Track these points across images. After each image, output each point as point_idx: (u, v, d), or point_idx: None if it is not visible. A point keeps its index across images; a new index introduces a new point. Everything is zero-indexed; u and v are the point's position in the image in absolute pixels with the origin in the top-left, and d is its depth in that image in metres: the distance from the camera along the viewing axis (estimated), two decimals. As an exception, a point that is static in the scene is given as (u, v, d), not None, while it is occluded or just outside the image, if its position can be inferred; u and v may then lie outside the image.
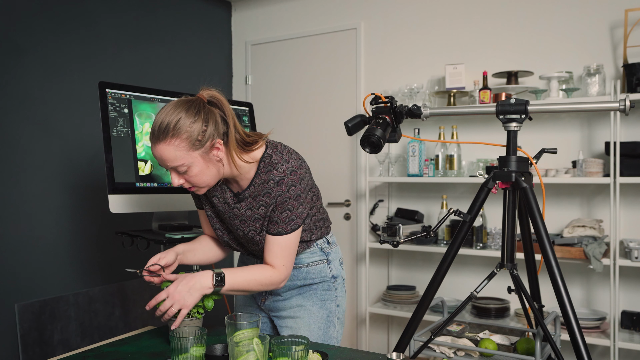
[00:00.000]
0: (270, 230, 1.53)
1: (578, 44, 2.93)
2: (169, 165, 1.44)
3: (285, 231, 1.52)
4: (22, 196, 2.72)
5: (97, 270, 3.05)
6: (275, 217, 1.52)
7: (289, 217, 1.51)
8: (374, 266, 3.55)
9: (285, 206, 1.51)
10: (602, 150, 2.82)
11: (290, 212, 1.51)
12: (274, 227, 1.52)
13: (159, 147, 1.42)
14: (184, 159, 1.42)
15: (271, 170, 1.51)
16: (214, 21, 3.98)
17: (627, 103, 1.55)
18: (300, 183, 1.52)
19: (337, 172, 3.67)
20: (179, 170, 1.44)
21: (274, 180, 1.50)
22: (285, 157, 1.53)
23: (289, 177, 1.50)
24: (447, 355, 1.80)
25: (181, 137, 1.40)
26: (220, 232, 1.68)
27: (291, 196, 1.50)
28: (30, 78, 2.76)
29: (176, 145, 1.40)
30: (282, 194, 1.50)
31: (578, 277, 2.93)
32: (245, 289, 1.51)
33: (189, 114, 1.41)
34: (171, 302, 1.40)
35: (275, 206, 1.51)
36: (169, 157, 1.42)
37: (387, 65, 3.51)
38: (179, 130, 1.39)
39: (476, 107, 1.81)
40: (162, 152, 1.42)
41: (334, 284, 1.73)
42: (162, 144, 1.41)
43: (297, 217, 1.53)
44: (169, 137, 1.40)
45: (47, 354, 2.72)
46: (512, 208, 1.70)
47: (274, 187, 1.50)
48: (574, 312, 1.53)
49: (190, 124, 1.40)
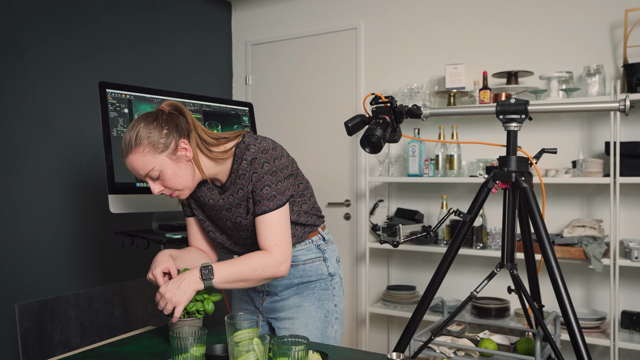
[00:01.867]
0: (256, 211, 1.53)
1: (578, 44, 2.93)
2: (142, 173, 1.50)
3: (269, 208, 1.51)
4: (22, 196, 2.72)
5: (97, 270, 3.05)
6: (257, 197, 1.52)
7: (270, 192, 1.51)
8: (374, 266, 3.55)
9: (263, 182, 1.51)
10: (602, 150, 2.82)
11: (269, 187, 1.51)
12: (258, 207, 1.52)
13: (128, 160, 1.49)
14: (152, 163, 1.48)
15: (244, 152, 1.54)
16: (214, 21, 3.98)
17: (627, 103, 1.55)
18: (274, 161, 1.53)
19: (337, 172, 3.67)
20: (152, 176, 1.50)
21: (247, 160, 1.52)
22: (259, 140, 1.55)
23: (260, 154, 1.51)
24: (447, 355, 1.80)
25: (143, 144, 1.47)
26: (214, 234, 1.69)
27: (267, 172, 1.51)
28: (30, 78, 2.76)
29: (141, 152, 1.47)
30: (256, 172, 1.51)
31: (578, 277, 2.93)
32: (240, 278, 1.48)
33: (147, 123, 1.49)
34: (165, 302, 1.42)
35: (254, 185, 1.52)
36: (138, 166, 1.49)
37: (387, 65, 3.51)
38: (140, 138, 1.47)
39: (476, 107, 1.81)
40: (132, 163, 1.49)
41: (331, 282, 1.73)
42: (130, 155, 1.48)
43: (279, 194, 1.52)
44: (133, 148, 1.47)
45: (47, 354, 2.72)
46: (512, 208, 1.70)
47: (248, 167, 1.52)
48: (574, 312, 1.53)
49: (149, 130, 1.48)
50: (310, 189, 1.71)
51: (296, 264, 1.70)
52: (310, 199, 1.71)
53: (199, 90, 3.71)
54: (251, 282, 1.51)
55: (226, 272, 1.46)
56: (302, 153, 3.71)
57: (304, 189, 1.67)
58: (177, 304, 1.41)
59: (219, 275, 1.45)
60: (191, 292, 1.43)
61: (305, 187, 1.68)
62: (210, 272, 1.44)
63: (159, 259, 1.54)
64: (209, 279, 1.44)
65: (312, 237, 1.70)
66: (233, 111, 2.73)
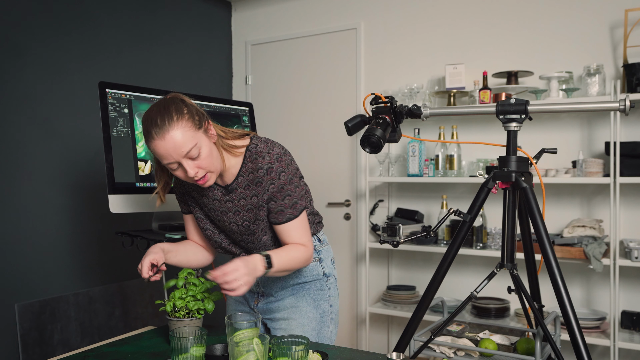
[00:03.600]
0: (279, 220, 1.56)
1: (578, 44, 2.93)
2: (183, 150, 1.40)
3: (293, 215, 1.56)
4: (22, 196, 2.72)
5: (97, 270, 3.05)
6: (278, 207, 1.54)
7: (291, 201, 1.55)
8: (374, 266, 3.55)
9: (284, 193, 1.54)
10: (602, 150, 2.82)
11: (290, 196, 1.55)
12: (281, 215, 1.55)
13: (169, 135, 1.39)
14: (195, 138, 1.42)
15: (257, 159, 1.53)
16: (214, 21, 3.98)
17: (627, 103, 1.54)
18: (288, 167, 1.56)
19: (337, 172, 3.67)
20: (192, 155, 1.42)
21: (263, 169, 1.52)
22: (270, 145, 1.56)
23: (276, 164, 1.53)
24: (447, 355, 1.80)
25: (185, 117, 1.42)
26: (212, 233, 1.68)
27: (285, 182, 1.54)
28: (30, 78, 2.76)
29: (184, 126, 1.41)
30: (274, 182, 1.53)
31: (578, 277, 2.93)
32: (287, 269, 1.55)
33: (177, 103, 1.45)
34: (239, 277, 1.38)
35: (272, 196, 1.53)
36: (182, 141, 1.40)
37: (387, 65, 3.51)
38: (180, 113, 1.41)
39: (476, 107, 1.81)
40: (174, 137, 1.39)
41: (326, 282, 1.74)
42: (171, 130, 1.39)
43: (299, 199, 1.57)
44: (175, 121, 1.40)
45: (47, 354, 2.72)
46: (512, 208, 1.70)
47: (265, 176, 1.53)
48: (574, 312, 1.53)
49: (184, 107, 1.44)
50: (309, 192, 1.71)
51: None
52: (310, 203, 1.72)
53: (199, 90, 3.71)
54: (290, 271, 1.59)
55: (280, 263, 1.51)
56: (302, 153, 3.71)
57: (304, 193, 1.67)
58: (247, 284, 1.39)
59: (275, 266, 1.49)
60: (254, 279, 1.44)
61: (305, 192, 1.68)
62: (270, 263, 1.47)
63: (150, 250, 1.55)
64: (269, 268, 1.47)
65: None
66: (233, 111, 2.73)
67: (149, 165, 2.29)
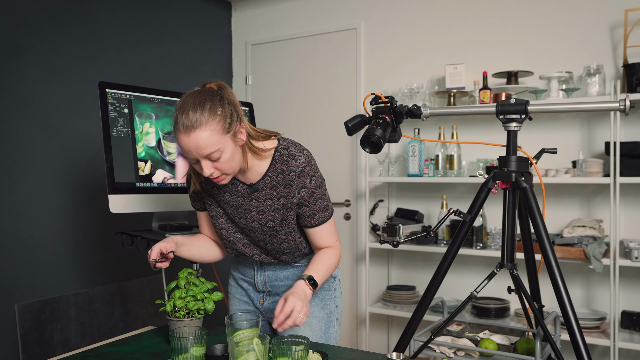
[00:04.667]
0: (312, 223, 1.60)
1: (578, 44, 2.93)
2: (205, 152, 1.41)
3: (325, 218, 1.62)
4: (22, 196, 2.72)
5: (97, 270, 3.05)
6: (311, 210, 1.58)
7: (322, 204, 1.60)
8: (374, 266, 3.55)
9: (316, 197, 1.58)
10: (602, 150, 2.82)
11: (322, 200, 1.59)
12: (314, 218, 1.60)
13: (194, 136, 1.39)
14: (219, 143, 1.42)
15: (289, 161, 1.54)
16: (214, 21, 3.98)
17: (627, 103, 1.54)
18: (317, 172, 1.60)
19: (337, 172, 3.67)
20: (212, 157, 1.43)
21: (295, 172, 1.54)
22: (299, 148, 1.58)
23: (308, 167, 1.56)
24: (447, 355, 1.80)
25: (215, 121, 1.41)
26: (226, 232, 1.67)
27: (316, 186, 1.57)
28: (30, 78, 2.76)
29: (212, 130, 1.40)
30: (305, 186, 1.55)
31: (578, 277, 2.93)
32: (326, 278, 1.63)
33: (215, 100, 1.43)
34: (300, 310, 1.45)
35: (303, 200, 1.56)
36: (205, 144, 1.40)
37: (387, 65, 3.51)
38: (213, 114, 1.40)
39: (476, 107, 1.81)
40: (198, 139, 1.39)
41: (332, 283, 1.75)
42: (198, 131, 1.39)
43: (329, 202, 1.63)
44: (204, 124, 1.39)
45: (47, 354, 2.72)
46: (512, 208, 1.70)
47: (296, 180, 1.54)
48: (574, 312, 1.53)
49: (220, 108, 1.43)
50: None
51: (299, 266, 1.71)
52: None
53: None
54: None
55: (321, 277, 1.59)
56: (302, 153, 3.70)
57: None
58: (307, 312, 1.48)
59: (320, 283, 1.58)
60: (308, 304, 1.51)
61: None
62: (315, 284, 1.55)
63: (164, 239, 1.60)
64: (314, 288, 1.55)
65: None
66: (233, 111, 2.73)
67: (149, 165, 2.29)
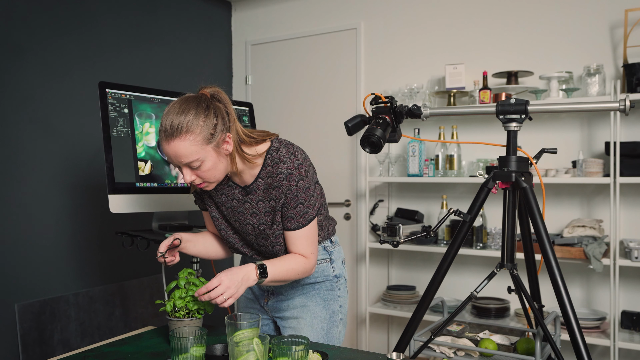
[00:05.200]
0: (287, 227, 1.56)
1: (578, 44, 2.93)
2: (183, 161, 1.44)
3: (302, 224, 1.56)
4: (22, 196, 2.72)
5: (97, 270, 3.05)
6: (289, 213, 1.54)
7: (303, 210, 1.55)
8: (374, 266, 3.55)
9: (297, 201, 1.54)
10: (602, 150, 2.82)
11: (303, 205, 1.55)
12: (291, 222, 1.55)
13: (173, 144, 1.42)
14: (198, 153, 1.43)
15: (278, 164, 1.52)
16: (214, 21, 3.98)
17: (627, 103, 1.54)
18: (307, 175, 1.55)
19: (337, 172, 3.67)
20: (192, 165, 1.45)
21: (282, 174, 1.52)
22: (291, 150, 1.55)
23: (296, 170, 1.52)
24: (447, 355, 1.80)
25: (195, 132, 1.42)
26: (226, 233, 1.68)
27: (301, 190, 1.53)
28: (30, 78, 2.76)
29: (191, 140, 1.42)
30: (291, 189, 1.52)
31: (578, 277, 2.93)
32: (283, 279, 1.54)
33: (200, 110, 1.44)
34: (223, 291, 1.41)
35: (286, 201, 1.53)
36: (184, 153, 1.42)
37: (387, 65, 3.51)
38: (192, 126, 1.42)
39: (476, 107, 1.81)
40: (177, 148, 1.42)
41: (336, 283, 1.74)
42: (177, 140, 1.41)
43: (311, 209, 1.57)
44: (183, 133, 1.41)
45: (47, 354, 2.72)
46: (512, 208, 1.70)
47: (283, 182, 1.52)
48: (574, 312, 1.53)
49: (203, 118, 1.43)
50: (323, 196, 1.71)
51: None
52: (325, 207, 1.71)
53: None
54: (287, 282, 1.59)
55: (276, 273, 1.51)
56: (302, 153, 3.70)
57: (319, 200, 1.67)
58: (234, 296, 1.42)
59: (270, 276, 1.49)
60: (244, 289, 1.45)
61: (321, 195, 1.68)
62: (265, 272, 1.48)
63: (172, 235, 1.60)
64: (263, 278, 1.48)
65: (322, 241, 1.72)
66: (233, 111, 2.73)
67: (149, 165, 2.29)
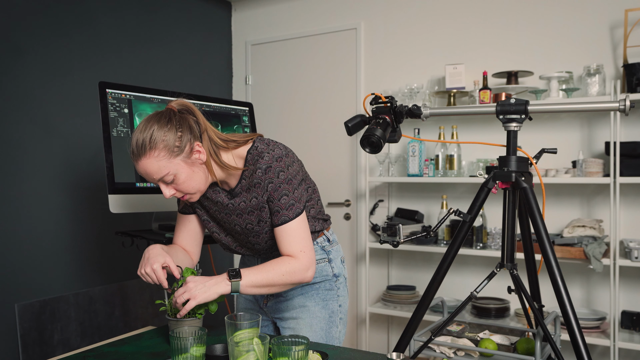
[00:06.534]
0: (275, 222, 1.52)
1: (578, 44, 2.93)
2: (155, 177, 1.45)
3: (289, 217, 1.50)
4: (22, 196, 2.72)
5: (97, 270, 3.05)
6: (275, 207, 1.51)
7: (288, 202, 1.50)
8: (374, 266, 3.55)
9: (281, 192, 1.50)
10: (602, 150, 2.82)
11: (287, 196, 1.50)
12: (277, 217, 1.51)
13: (141, 163, 1.44)
14: (167, 167, 1.44)
15: (258, 160, 1.51)
16: (214, 21, 3.98)
17: (627, 103, 1.55)
18: (288, 169, 1.52)
19: (337, 172, 3.67)
20: (166, 180, 1.46)
21: (261, 169, 1.50)
22: (271, 147, 1.53)
23: (275, 163, 1.50)
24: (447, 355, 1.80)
25: (158, 147, 1.42)
26: (219, 235, 1.68)
27: (282, 180, 1.50)
28: (30, 78, 2.76)
29: (156, 156, 1.42)
30: (272, 181, 1.49)
31: (578, 277, 2.93)
32: (267, 283, 1.46)
33: (161, 124, 1.44)
34: (183, 291, 1.40)
35: (270, 195, 1.51)
36: (153, 170, 1.44)
37: (387, 65, 3.51)
38: (155, 141, 1.42)
39: (476, 107, 1.81)
40: (145, 167, 1.44)
41: (336, 283, 1.73)
42: (144, 159, 1.43)
43: (296, 201, 1.51)
44: (147, 151, 1.42)
45: (47, 354, 2.72)
46: (512, 208, 1.70)
47: (263, 176, 1.50)
48: (574, 312, 1.53)
49: (165, 132, 1.43)
50: (317, 192, 1.70)
51: None
52: (318, 202, 1.70)
53: (199, 90, 3.71)
54: (278, 287, 1.50)
55: (254, 277, 1.44)
56: (302, 153, 3.71)
57: (312, 193, 1.66)
58: (192, 297, 1.38)
59: (247, 279, 1.43)
60: (213, 293, 1.40)
61: (313, 191, 1.67)
62: (237, 275, 1.43)
63: (154, 252, 1.50)
64: (236, 279, 1.43)
65: (317, 239, 1.70)
66: (233, 111, 2.73)
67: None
